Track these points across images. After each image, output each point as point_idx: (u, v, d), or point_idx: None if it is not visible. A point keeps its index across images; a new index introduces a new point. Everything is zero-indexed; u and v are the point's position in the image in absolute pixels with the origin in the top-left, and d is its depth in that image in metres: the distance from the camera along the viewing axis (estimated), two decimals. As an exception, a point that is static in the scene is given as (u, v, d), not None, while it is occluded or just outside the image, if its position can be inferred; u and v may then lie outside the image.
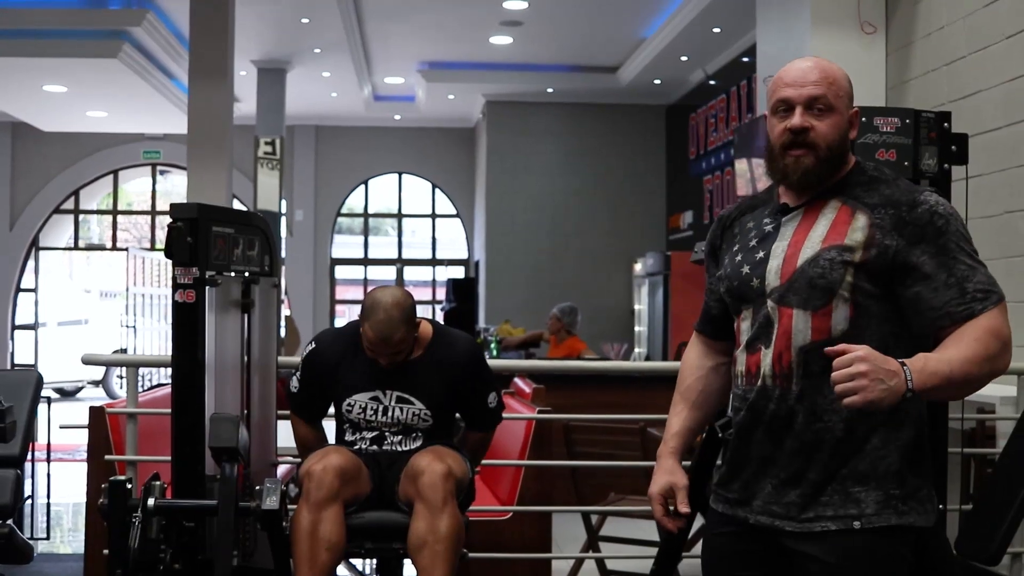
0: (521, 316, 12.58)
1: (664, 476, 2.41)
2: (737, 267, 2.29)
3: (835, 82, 2.22)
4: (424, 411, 3.69)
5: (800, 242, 2.21)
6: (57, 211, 16.25)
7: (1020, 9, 4.93)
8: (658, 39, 11.24)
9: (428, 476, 3.44)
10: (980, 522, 3.51)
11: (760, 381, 2.22)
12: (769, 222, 2.30)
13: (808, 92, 2.20)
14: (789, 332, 2.18)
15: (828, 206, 2.23)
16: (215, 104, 7.42)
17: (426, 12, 10.55)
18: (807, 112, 2.20)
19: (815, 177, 2.22)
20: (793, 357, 2.17)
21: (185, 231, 3.29)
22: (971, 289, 2.12)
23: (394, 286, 3.85)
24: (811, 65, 2.24)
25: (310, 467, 3.47)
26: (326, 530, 3.39)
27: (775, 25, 6.82)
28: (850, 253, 2.15)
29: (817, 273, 2.16)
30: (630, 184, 14.33)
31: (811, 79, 2.21)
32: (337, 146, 16.24)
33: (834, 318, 2.16)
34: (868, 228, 2.16)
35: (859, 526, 2.13)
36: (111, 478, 3.11)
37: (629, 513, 4.85)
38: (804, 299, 2.17)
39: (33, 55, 10.38)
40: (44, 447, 7.13)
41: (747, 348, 2.26)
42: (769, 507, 2.21)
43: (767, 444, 2.22)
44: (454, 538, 3.40)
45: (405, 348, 3.63)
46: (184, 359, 3.34)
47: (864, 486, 2.15)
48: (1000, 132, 5.05)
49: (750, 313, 2.26)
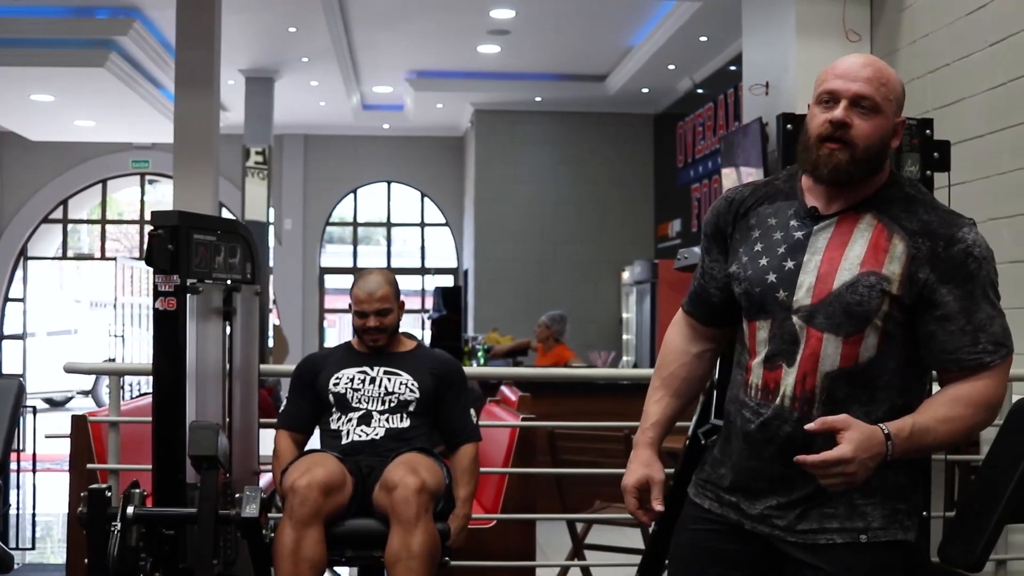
0: (510, 325, 12.57)
1: (640, 468, 2.32)
2: (761, 272, 2.18)
3: (887, 83, 2.13)
4: (411, 382, 3.80)
5: (835, 260, 2.12)
6: (45, 220, 16.21)
7: (1003, 17, 4.95)
8: (645, 48, 11.26)
9: (401, 491, 3.45)
10: (963, 529, 3.50)
11: (779, 400, 2.14)
12: (797, 226, 2.18)
13: (856, 88, 2.11)
14: (817, 355, 2.11)
15: (863, 221, 2.14)
16: (201, 113, 7.41)
17: (413, 21, 10.55)
18: (851, 108, 2.11)
19: (845, 175, 2.12)
20: (818, 382, 2.11)
21: (166, 239, 3.30)
22: (984, 340, 2.10)
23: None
24: (865, 62, 2.14)
25: (294, 481, 3.46)
26: (309, 548, 3.39)
27: (760, 33, 6.83)
28: (887, 283, 2.09)
29: (855, 300, 2.08)
30: (618, 192, 14.34)
31: (863, 76, 2.11)
32: (326, 155, 16.24)
33: (864, 345, 2.10)
34: (905, 259, 2.09)
35: (865, 540, 2.10)
36: (90, 486, 3.10)
37: (614, 521, 4.84)
38: (837, 324, 2.10)
39: (20, 64, 10.38)
40: (30, 457, 7.11)
41: (766, 362, 2.17)
42: (770, 519, 2.17)
43: (778, 464, 2.14)
44: (427, 554, 3.42)
45: (388, 309, 3.84)
46: (165, 367, 3.34)
47: (870, 499, 2.12)
48: (983, 139, 5.06)
49: (768, 324, 2.17)
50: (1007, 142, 4.91)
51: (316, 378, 3.87)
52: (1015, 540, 4.25)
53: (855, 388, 2.10)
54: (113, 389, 4.13)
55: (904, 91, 2.20)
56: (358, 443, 3.73)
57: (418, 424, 3.79)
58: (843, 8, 6.16)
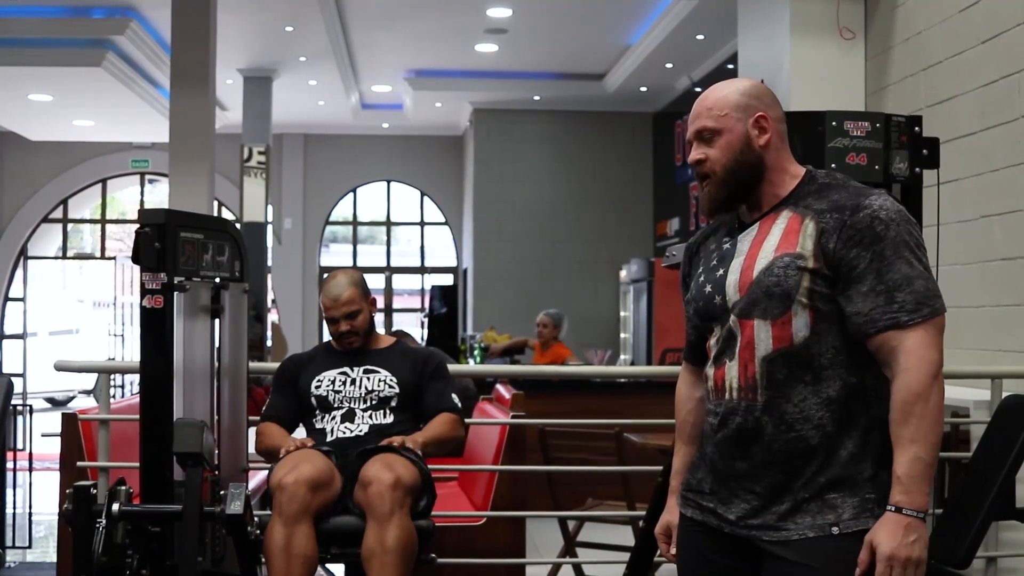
0: (509, 323, 12.57)
1: (665, 515, 2.48)
2: (701, 287, 2.31)
3: (715, 105, 2.27)
4: (390, 378, 3.85)
5: (755, 255, 2.21)
6: (45, 220, 16.22)
7: (994, 14, 4.95)
8: (642, 46, 11.26)
9: (375, 486, 3.47)
10: (950, 526, 3.51)
11: (728, 395, 2.22)
12: (727, 240, 2.32)
13: (693, 127, 2.29)
14: (752, 343, 2.18)
15: (780, 217, 2.23)
16: (197, 112, 7.41)
17: (410, 20, 10.55)
18: (701, 144, 2.27)
19: (718, 201, 2.28)
20: (757, 368, 2.17)
21: (153, 236, 3.29)
22: (900, 298, 2.11)
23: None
24: (701, 99, 2.31)
25: (282, 479, 3.48)
26: (299, 544, 3.41)
27: (755, 31, 6.83)
28: (803, 259, 2.15)
29: (773, 281, 2.16)
30: (617, 191, 14.35)
31: (696, 113, 2.29)
32: (326, 154, 16.25)
33: (794, 325, 2.15)
34: (816, 234, 2.16)
35: (837, 532, 2.13)
36: (75, 483, 3.10)
37: (602, 518, 4.84)
38: (764, 309, 2.17)
39: (16, 64, 10.40)
40: (27, 456, 7.12)
41: (714, 363, 2.27)
42: (745, 520, 2.21)
43: (739, 458, 2.21)
44: (401, 549, 3.43)
45: (356, 311, 3.88)
46: (152, 364, 3.34)
47: (840, 492, 2.14)
48: (975, 136, 5.06)
49: (718, 329, 2.27)
50: (999, 139, 4.91)
51: (298, 379, 3.93)
52: (1005, 537, 4.24)
53: (795, 369, 2.14)
54: (103, 387, 4.13)
55: (746, 95, 2.27)
56: (343, 440, 3.76)
57: (401, 420, 3.83)
58: (837, 6, 6.16)
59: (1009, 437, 3.49)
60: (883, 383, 2.16)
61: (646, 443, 5.21)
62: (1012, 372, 4.34)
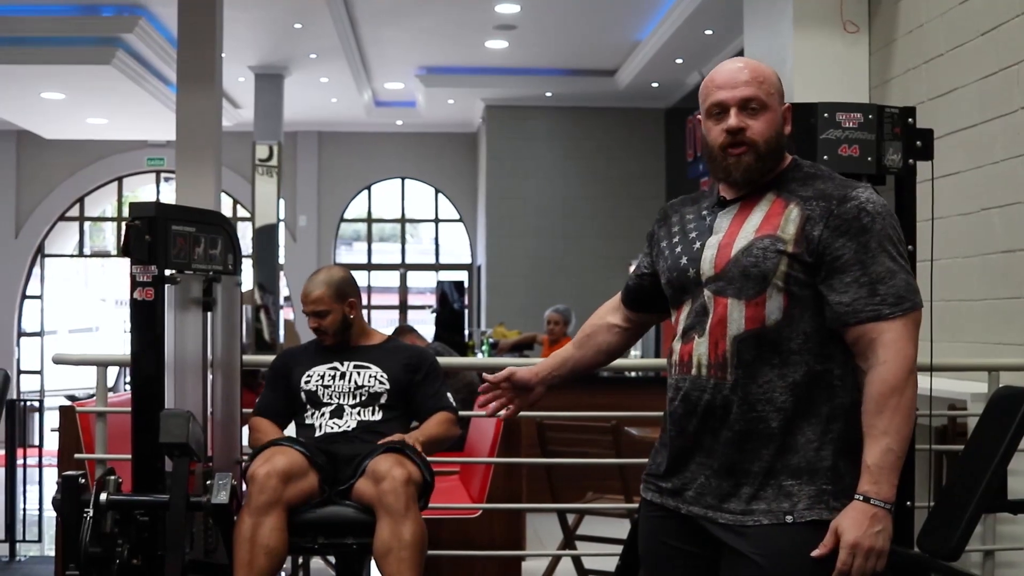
0: (522, 320, 12.59)
1: (520, 371, 2.58)
2: (676, 258, 2.31)
3: (766, 80, 2.25)
4: (380, 374, 3.85)
5: (735, 233, 2.23)
6: (62, 218, 16.31)
7: (993, 5, 4.93)
8: (652, 42, 11.24)
9: (389, 482, 3.46)
10: (941, 517, 3.49)
11: (694, 370, 2.23)
12: (707, 215, 2.32)
13: (740, 93, 2.23)
14: (724, 321, 2.19)
15: (763, 199, 2.25)
16: (204, 109, 7.42)
17: (419, 16, 10.55)
18: (741, 112, 2.23)
19: (757, 173, 2.24)
20: (728, 346, 2.18)
21: (143, 229, 3.33)
22: (883, 291, 2.14)
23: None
24: (741, 66, 2.27)
25: (254, 470, 3.48)
26: (265, 535, 3.38)
27: (760, 25, 6.81)
28: (783, 243, 2.16)
29: (751, 262, 2.17)
30: (629, 187, 14.32)
31: (742, 79, 2.24)
32: (340, 152, 16.28)
33: (768, 307, 2.17)
34: (800, 220, 2.17)
35: (791, 520, 2.15)
36: (63, 473, 3.13)
37: (602, 511, 4.85)
38: (739, 288, 2.18)
39: (27, 62, 10.44)
40: (36, 452, 7.19)
41: (682, 337, 2.27)
42: (703, 498, 2.21)
43: (702, 435, 2.22)
44: (418, 544, 3.43)
45: (324, 311, 3.91)
46: (143, 357, 3.38)
47: (797, 480, 2.16)
48: (976, 129, 5.04)
49: (688, 303, 2.28)
50: (999, 131, 4.88)
51: (290, 374, 3.94)
52: (1003, 531, 4.23)
53: (763, 351, 2.16)
54: (100, 380, 4.16)
55: (780, 80, 2.31)
56: (331, 434, 3.77)
57: (390, 417, 3.82)
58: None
59: (1000, 429, 3.48)
60: (850, 374, 2.18)
61: (644, 436, 5.22)
62: (1009, 364, 4.31)
